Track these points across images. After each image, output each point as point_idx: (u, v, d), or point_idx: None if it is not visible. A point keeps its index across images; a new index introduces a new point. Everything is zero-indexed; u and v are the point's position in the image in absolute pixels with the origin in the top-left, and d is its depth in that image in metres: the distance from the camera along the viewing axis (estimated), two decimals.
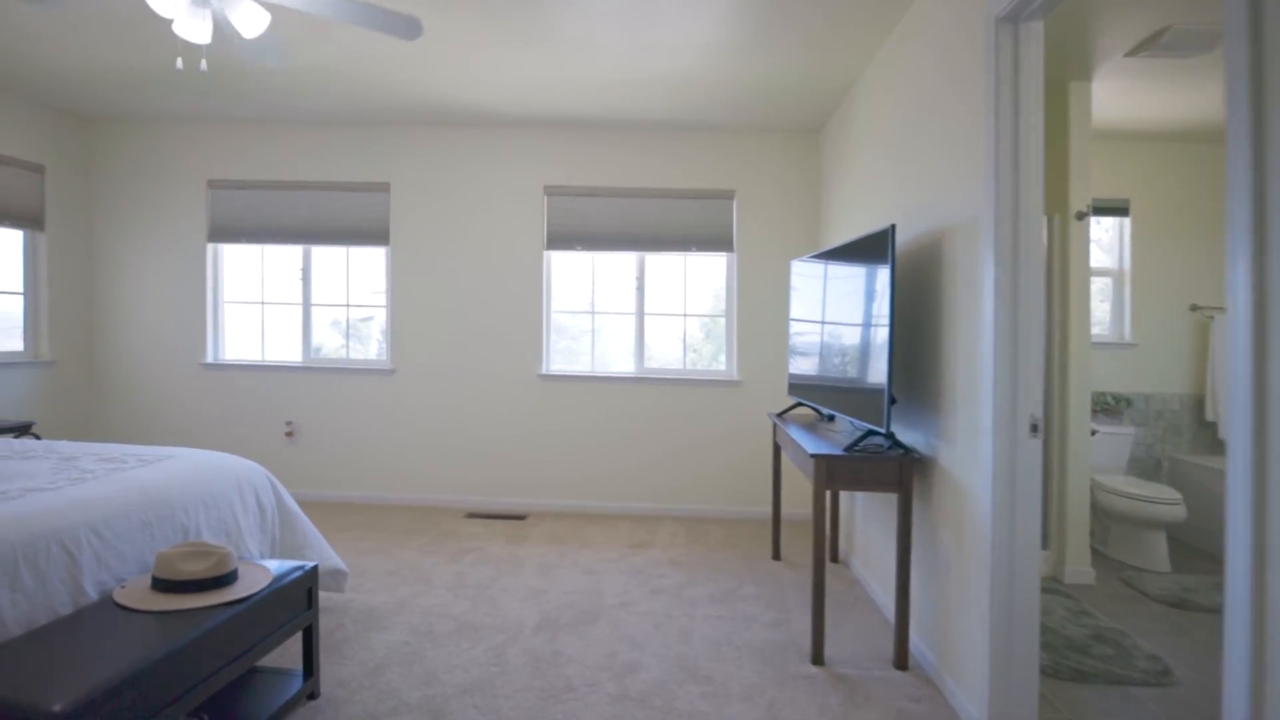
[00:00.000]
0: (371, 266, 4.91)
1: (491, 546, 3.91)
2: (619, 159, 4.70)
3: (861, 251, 2.86)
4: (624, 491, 4.72)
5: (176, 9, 2.18)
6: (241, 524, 2.56)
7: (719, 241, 4.71)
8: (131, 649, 1.67)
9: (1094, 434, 3.83)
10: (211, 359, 4.89)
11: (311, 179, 4.78)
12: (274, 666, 2.36)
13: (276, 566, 2.23)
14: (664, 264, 4.83)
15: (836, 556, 3.80)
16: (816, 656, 2.62)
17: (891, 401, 2.53)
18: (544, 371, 4.77)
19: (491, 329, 4.77)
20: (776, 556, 3.81)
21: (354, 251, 4.90)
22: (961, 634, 2.33)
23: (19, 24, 3.24)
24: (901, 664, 2.59)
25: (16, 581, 1.73)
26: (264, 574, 2.14)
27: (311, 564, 2.29)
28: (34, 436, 4.14)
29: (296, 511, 2.87)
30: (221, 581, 2.00)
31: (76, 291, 4.77)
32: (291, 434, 4.83)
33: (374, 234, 4.80)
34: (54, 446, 2.76)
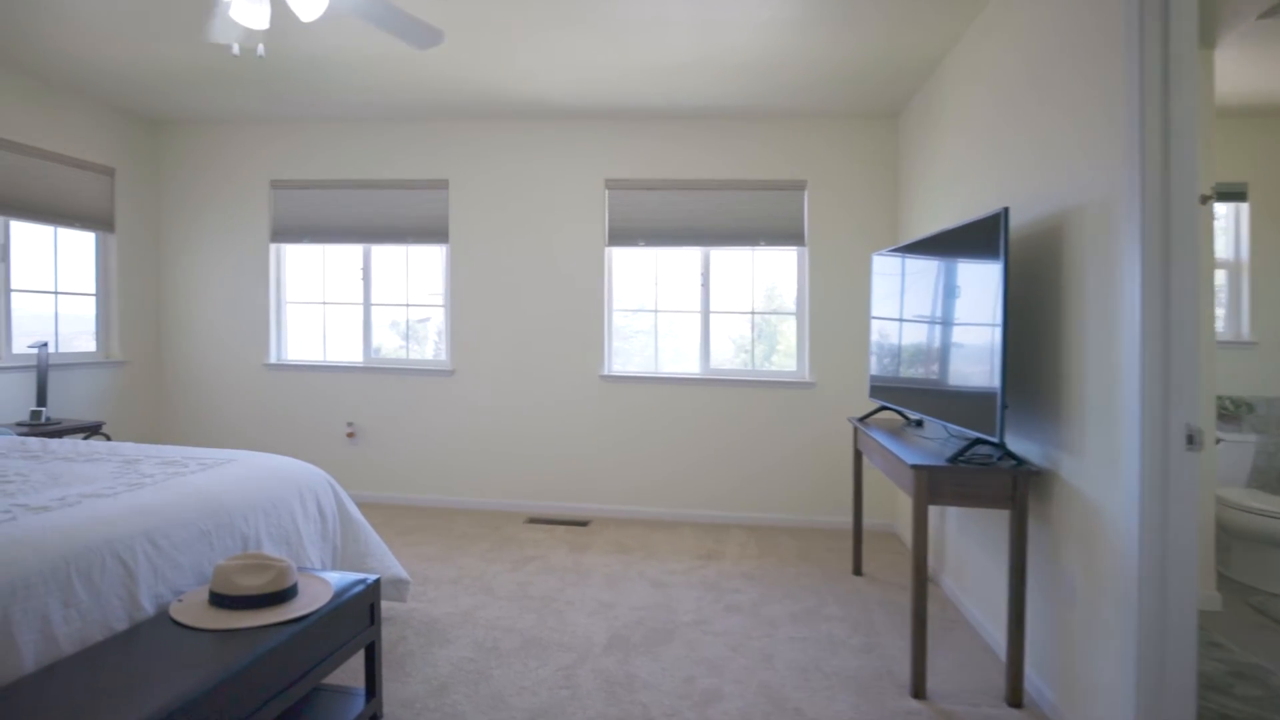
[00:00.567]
0: (430, 266, 4.82)
1: (554, 554, 3.75)
2: (683, 150, 4.50)
3: (962, 240, 2.59)
4: (689, 498, 4.51)
5: None
6: (302, 532, 2.45)
7: (789, 235, 4.46)
8: (188, 672, 1.54)
9: (1218, 442, 3.45)
10: (274, 359, 4.88)
11: (371, 177, 4.72)
12: (334, 685, 2.23)
13: (337, 580, 2.10)
14: (724, 260, 4.60)
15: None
16: (917, 689, 2.36)
17: (1004, 407, 2.25)
18: (605, 372, 4.59)
19: (551, 328, 4.62)
20: (858, 571, 3.54)
21: (412, 251, 4.82)
22: (1092, 672, 2.05)
23: (90, 26, 3.23)
24: (1015, 701, 2.31)
25: (70, 596, 1.63)
26: (324, 588, 2.01)
27: (374, 577, 2.15)
28: (104, 436, 4.17)
29: (358, 518, 2.76)
30: (281, 597, 1.87)
31: (145, 292, 4.82)
32: (352, 435, 4.78)
33: (433, 232, 4.71)
34: (118, 449, 2.71)
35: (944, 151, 3.47)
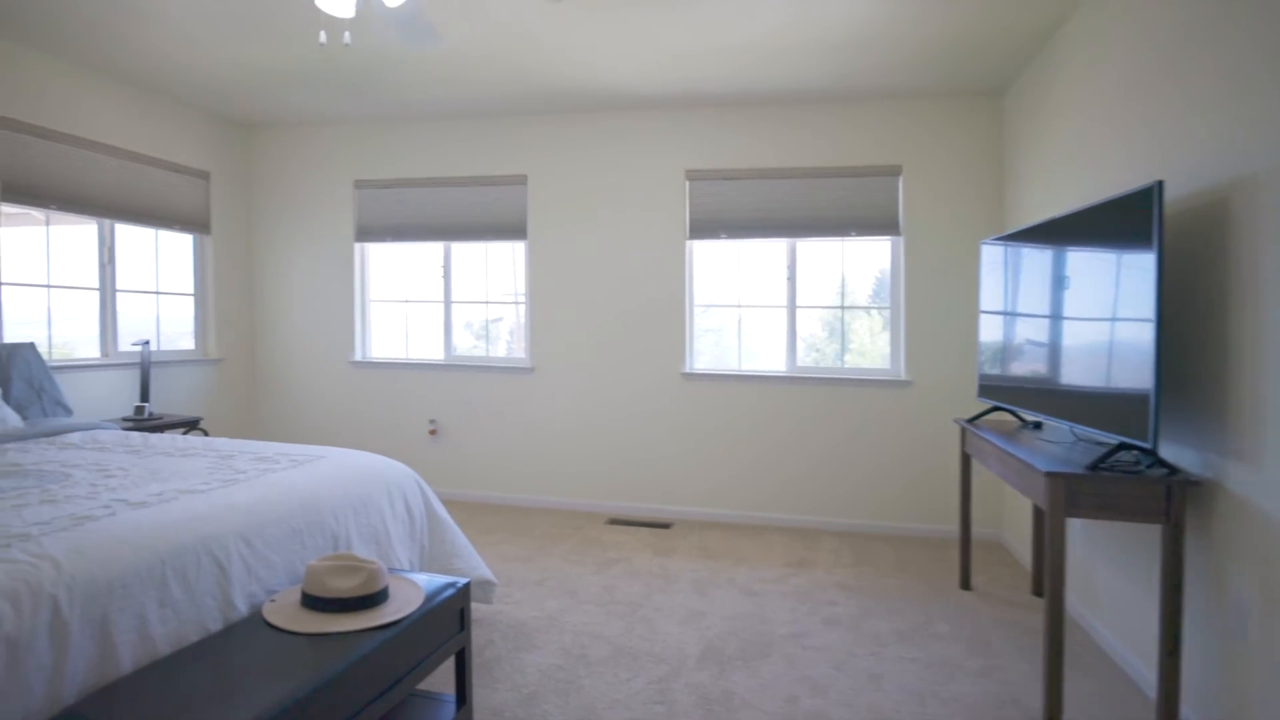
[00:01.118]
0: (507, 264, 4.78)
1: (638, 557, 3.62)
2: (767, 137, 4.30)
3: (1099, 221, 2.31)
4: (776, 501, 4.31)
5: None
6: (391, 531, 2.40)
7: (882, 224, 4.20)
8: (283, 677, 1.48)
9: None
10: (359, 357, 4.95)
11: (451, 174, 4.71)
12: (423, 690, 2.16)
13: (427, 582, 2.02)
14: (809, 252, 4.37)
15: (1042, 589, 3.22)
16: None
17: (1158, 409, 1.98)
18: (687, 370, 4.44)
19: (631, 325, 4.50)
20: (966, 586, 3.27)
21: (490, 249, 4.80)
22: (1271, 715, 1.77)
23: (186, 33, 3.30)
24: None
25: (166, 595, 1.59)
26: (415, 592, 1.94)
27: (464, 581, 2.07)
28: (201, 431, 4.30)
29: (445, 518, 2.70)
30: (372, 601, 1.80)
31: (238, 292, 4.97)
32: (434, 432, 4.79)
33: (512, 228, 4.67)
34: (213, 444, 2.73)
35: (1062, 129, 3.16)
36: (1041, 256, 2.75)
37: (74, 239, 3.99)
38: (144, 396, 3.99)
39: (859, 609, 3.01)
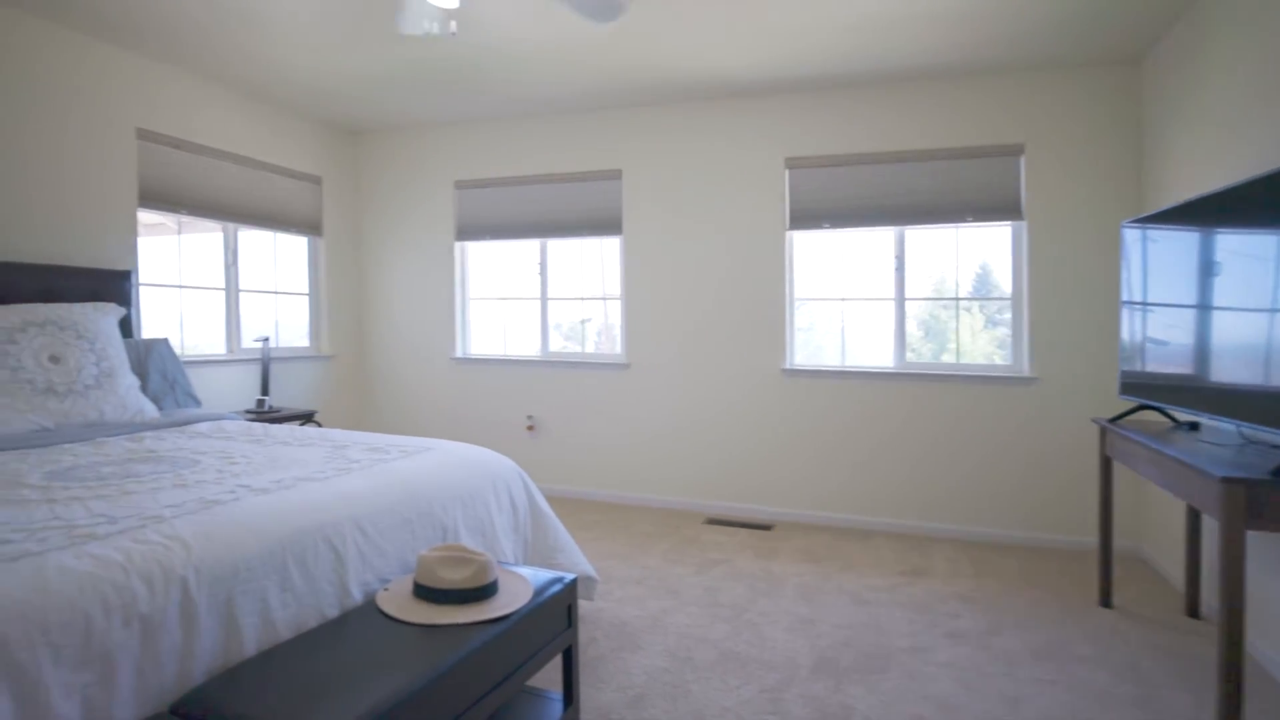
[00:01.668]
0: (600, 260, 4.76)
1: (740, 559, 3.50)
2: (870, 120, 4.07)
3: (1273, 196, 2.01)
4: (883, 505, 4.08)
5: None
6: (496, 524, 2.39)
7: (1002, 208, 3.89)
8: (399, 668, 1.46)
9: None
10: (460, 354, 5.05)
11: (546, 171, 4.73)
12: (530, 687, 2.12)
13: (533, 576, 1.98)
14: (915, 243, 4.11)
15: (1197, 610, 2.87)
16: None
17: None
18: (787, 366, 4.27)
19: (729, 319, 4.37)
20: (1106, 603, 2.97)
21: (585, 245, 4.79)
22: None
23: (296, 39, 3.43)
24: None
25: (286, 580, 1.61)
26: (524, 586, 1.90)
27: (571, 576, 2.01)
28: (316, 424, 4.48)
29: (548, 511, 2.67)
30: (483, 593, 1.77)
31: (349, 291, 5.17)
32: (532, 428, 4.82)
33: (607, 223, 4.64)
34: (328, 434, 2.81)
35: (1211, 99, 2.81)
36: (1198, 238, 2.44)
37: (202, 244, 4.25)
38: (264, 390, 4.20)
39: (986, 624, 2.78)
